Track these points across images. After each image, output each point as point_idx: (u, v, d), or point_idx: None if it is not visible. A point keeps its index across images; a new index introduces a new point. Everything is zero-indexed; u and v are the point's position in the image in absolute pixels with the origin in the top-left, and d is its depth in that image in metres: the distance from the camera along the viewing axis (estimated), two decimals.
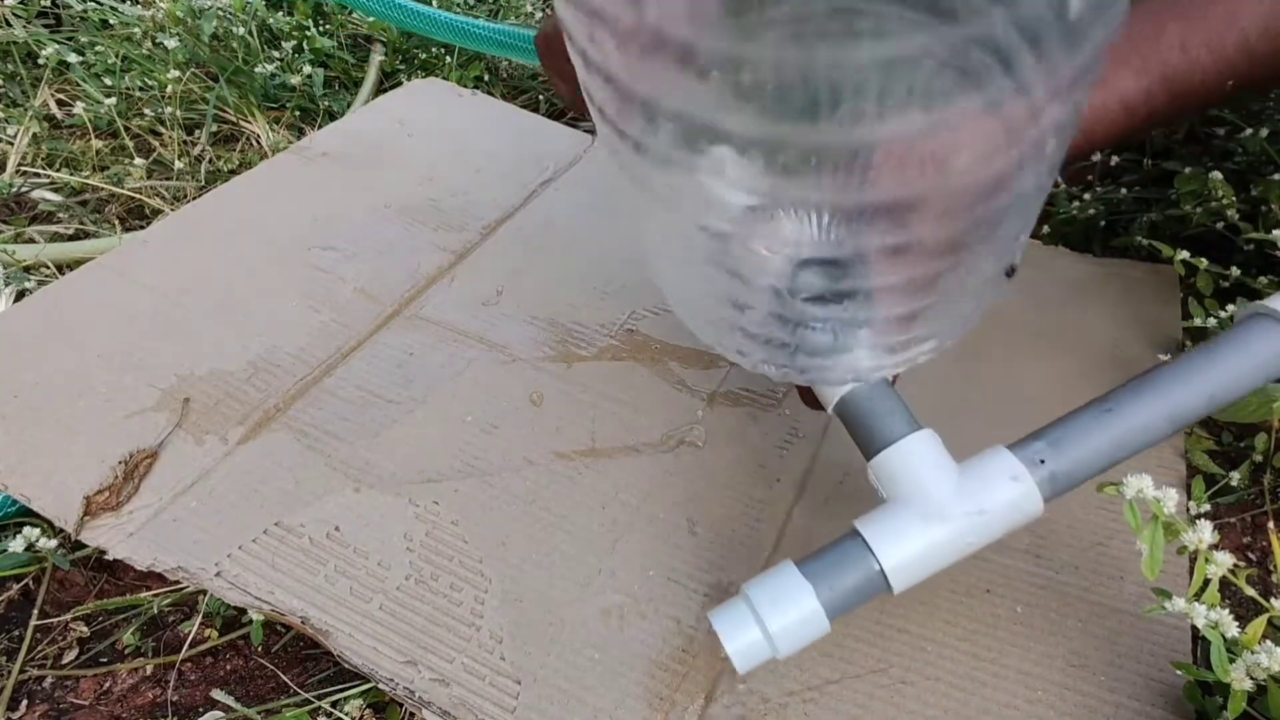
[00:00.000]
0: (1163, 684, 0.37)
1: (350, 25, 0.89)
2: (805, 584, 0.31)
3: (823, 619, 0.31)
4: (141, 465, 0.45)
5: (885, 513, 0.32)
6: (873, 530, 0.31)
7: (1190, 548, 0.32)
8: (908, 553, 0.31)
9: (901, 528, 0.31)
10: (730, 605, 0.31)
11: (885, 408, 0.34)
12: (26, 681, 0.40)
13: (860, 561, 0.31)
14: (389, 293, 0.57)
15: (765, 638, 0.30)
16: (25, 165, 0.70)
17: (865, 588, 0.31)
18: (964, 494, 0.31)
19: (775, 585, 0.31)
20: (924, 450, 0.32)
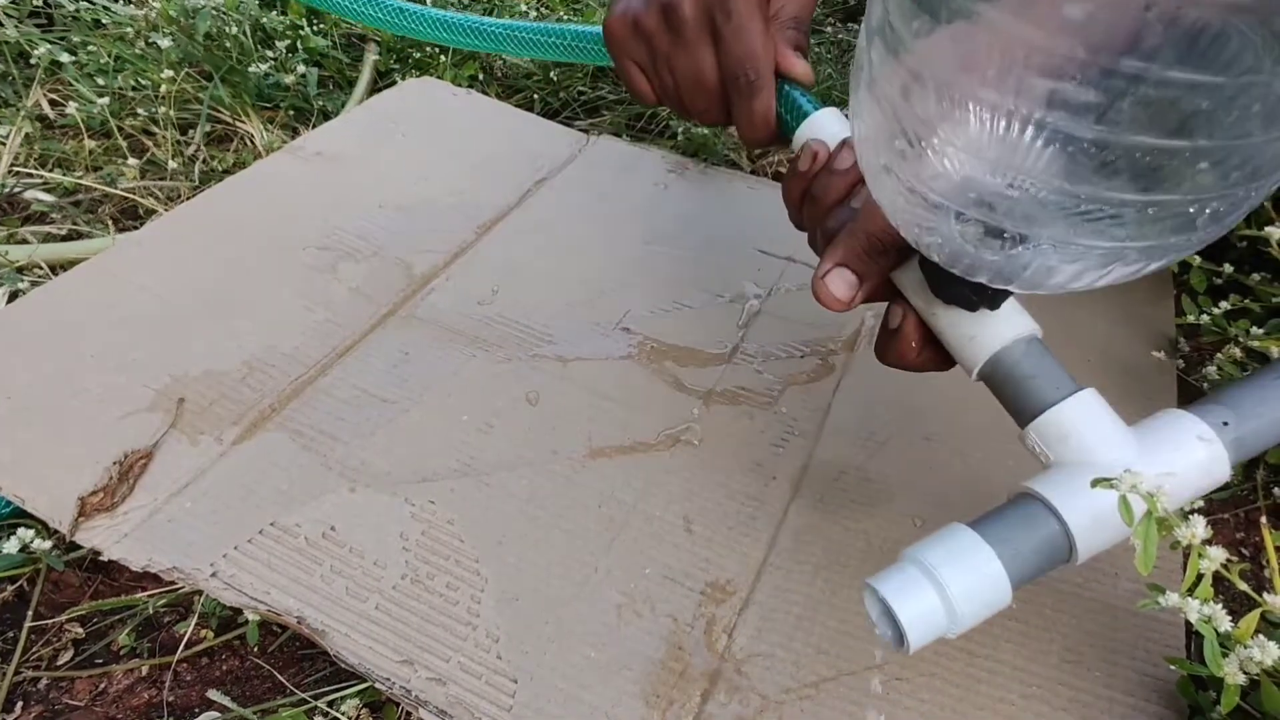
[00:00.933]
0: (1157, 679, 0.37)
1: (344, 25, 0.89)
2: (984, 544, 0.27)
3: (1006, 585, 0.27)
4: (136, 466, 0.44)
5: (1061, 473, 0.29)
6: (1052, 489, 0.28)
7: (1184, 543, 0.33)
8: (1094, 512, 0.28)
9: (1085, 488, 0.28)
10: (896, 569, 0.28)
11: (1045, 365, 0.31)
12: (21, 683, 0.39)
13: (1043, 524, 0.28)
14: (384, 292, 0.57)
15: (944, 604, 0.27)
16: (18, 165, 0.69)
17: (1049, 552, 0.28)
18: (1149, 453, 0.29)
19: (948, 546, 0.28)
20: (1098, 407, 0.30)
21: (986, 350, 0.32)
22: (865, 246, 0.33)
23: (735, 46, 0.40)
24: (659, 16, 0.41)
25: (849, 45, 0.98)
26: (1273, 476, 0.47)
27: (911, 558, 0.28)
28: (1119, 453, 0.29)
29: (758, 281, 0.59)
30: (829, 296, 0.34)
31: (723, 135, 0.77)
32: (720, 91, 0.41)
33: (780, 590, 0.41)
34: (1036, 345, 0.32)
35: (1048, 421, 0.30)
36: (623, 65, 0.44)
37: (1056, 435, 0.30)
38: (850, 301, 0.34)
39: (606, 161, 0.71)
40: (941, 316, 0.33)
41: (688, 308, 0.58)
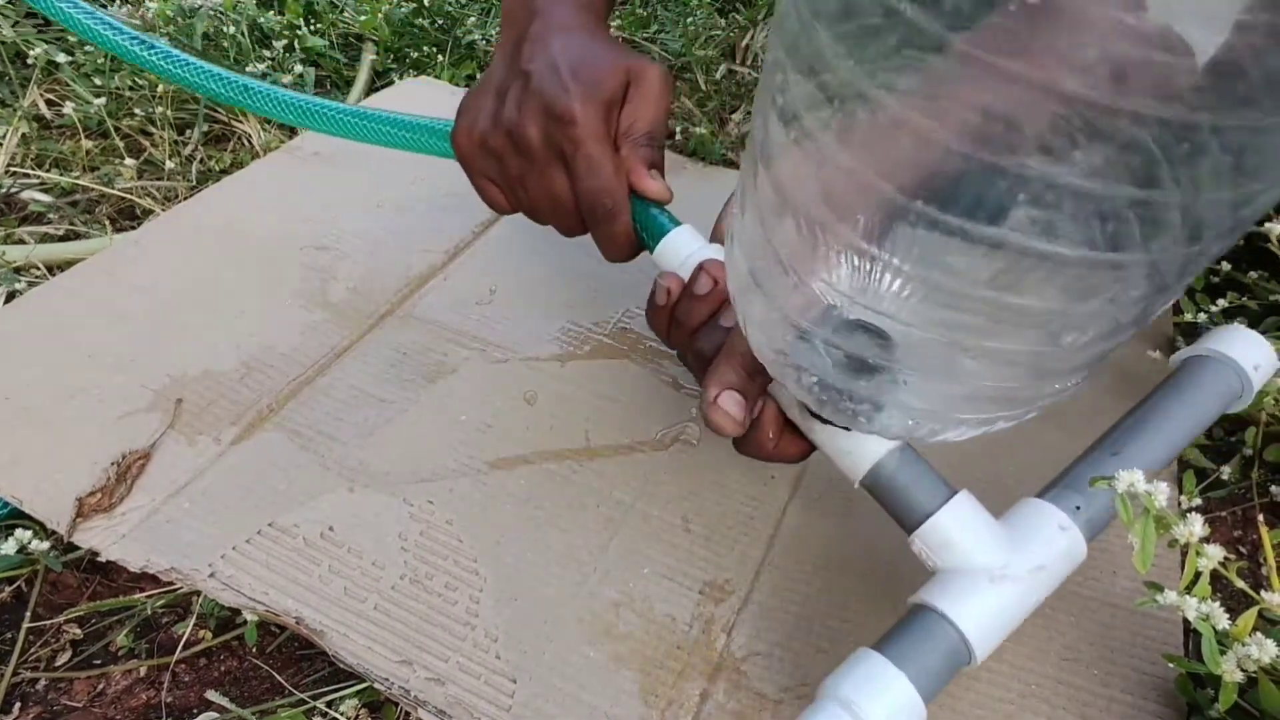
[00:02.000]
0: (1155, 677, 0.37)
1: (342, 25, 0.89)
2: (892, 667, 0.29)
3: (919, 703, 0.29)
4: (134, 466, 0.44)
5: (948, 581, 0.31)
6: (946, 602, 0.30)
7: (1181, 541, 0.33)
8: (986, 616, 0.30)
9: (975, 596, 0.30)
10: (818, 709, 0.29)
11: (919, 473, 0.33)
12: (20, 684, 0.39)
13: (943, 636, 0.30)
14: (382, 292, 0.57)
15: None
16: (15, 166, 0.69)
17: (951, 660, 0.30)
18: (1021, 551, 0.31)
19: (860, 675, 0.29)
20: (972, 513, 0.32)
21: (863, 465, 0.33)
22: (745, 365, 0.33)
23: (587, 179, 0.39)
24: (506, 140, 0.40)
25: None
26: (1269, 475, 0.47)
27: (829, 694, 0.29)
28: (995, 556, 0.31)
29: None
30: (725, 421, 0.33)
31: (720, 135, 0.77)
32: (577, 213, 0.41)
33: (779, 589, 0.41)
34: (910, 454, 0.34)
35: (929, 531, 0.32)
36: (475, 181, 0.43)
37: (939, 543, 0.32)
38: (743, 422, 0.34)
39: None
40: (816, 431, 0.35)
41: None
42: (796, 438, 0.36)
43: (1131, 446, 0.35)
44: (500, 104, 0.40)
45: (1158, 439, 0.35)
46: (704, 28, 0.93)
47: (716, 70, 0.88)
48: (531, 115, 0.39)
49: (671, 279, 0.38)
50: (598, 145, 0.39)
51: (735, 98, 0.84)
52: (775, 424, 0.35)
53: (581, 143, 0.38)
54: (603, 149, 0.39)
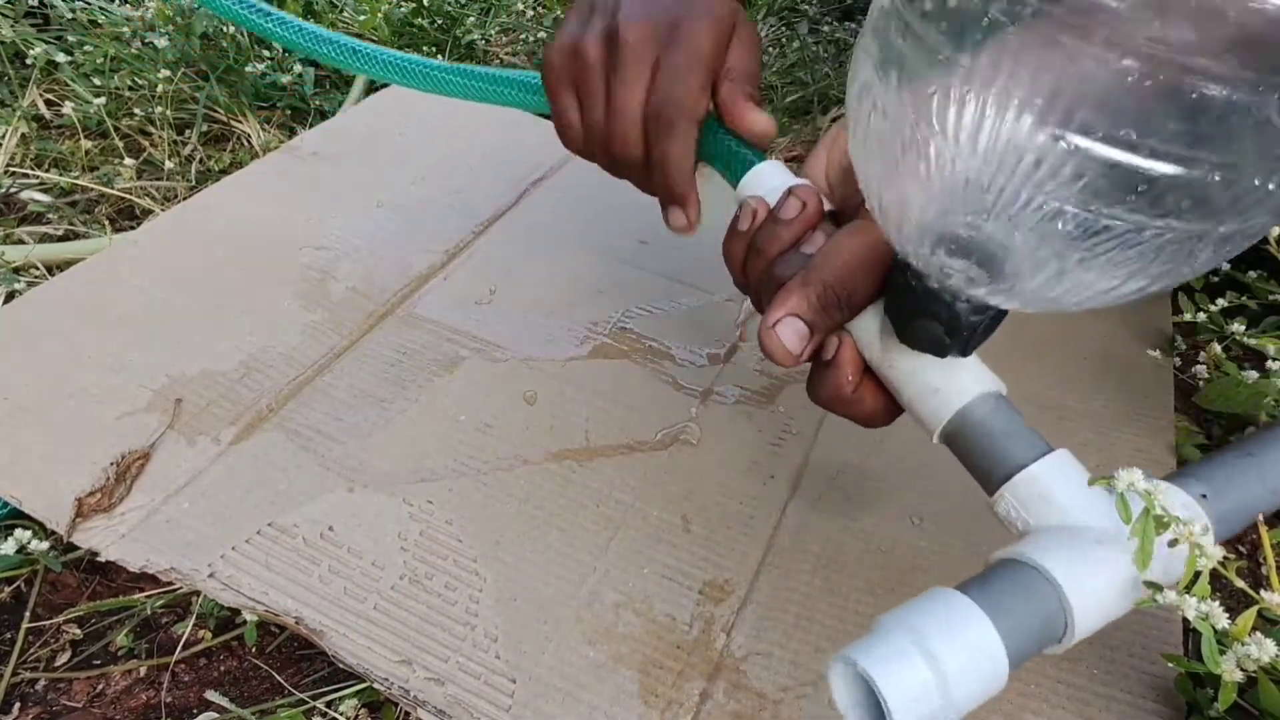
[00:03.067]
0: (1154, 676, 0.37)
1: (341, 24, 0.89)
2: (981, 614, 0.24)
3: (1004, 664, 0.24)
4: (133, 466, 0.44)
5: (1046, 536, 0.26)
6: (1055, 561, 0.25)
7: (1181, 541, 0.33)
8: (1090, 579, 0.25)
9: (1074, 550, 0.25)
10: (879, 639, 0.24)
11: (1013, 424, 0.29)
12: (19, 684, 0.39)
13: (1037, 589, 0.25)
14: (382, 292, 0.57)
15: (938, 684, 0.23)
16: (14, 166, 0.69)
17: (1047, 624, 0.25)
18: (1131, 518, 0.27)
19: (940, 614, 0.24)
20: (1073, 468, 0.28)
21: (952, 405, 0.29)
22: (820, 296, 0.30)
23: (664, 86, 0.37)
24: (601, 42, 0.38)
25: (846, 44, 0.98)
26: None
27: (899, 625, 0.24)
28: (1102, 518, 0.27)
29: None
30: (779, 348, 0.31)
31: None
32: (642, 127, 0.38)
33: (778, 589, 0.41)
34: (1004, 402, 0.30)
35: (1023, 482, 0.28)
36: (556, 96, 0.41)
37: (1036, 497, 0.28)
38: (801, 355, 0.31)
39: None
40: (901, 367, 0.30)
41: (685, 307, 0.58)
42: (876, 388, 0.32)
43: (1272, 453, 0.30)
44: (603, 15, 0.38)
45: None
46: None
47: None
48: (639, 16, 0.36)
49: (758, 202, 0.34)
50: (691, 57, 0.36)
51: None
52: (854, 364, 0.31)
53: (678, 50, 0.35)
54: (695, 64, 0.36)
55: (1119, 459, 0.47)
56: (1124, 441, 0.48)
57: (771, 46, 0.95)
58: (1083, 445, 0.48)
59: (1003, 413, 0.29)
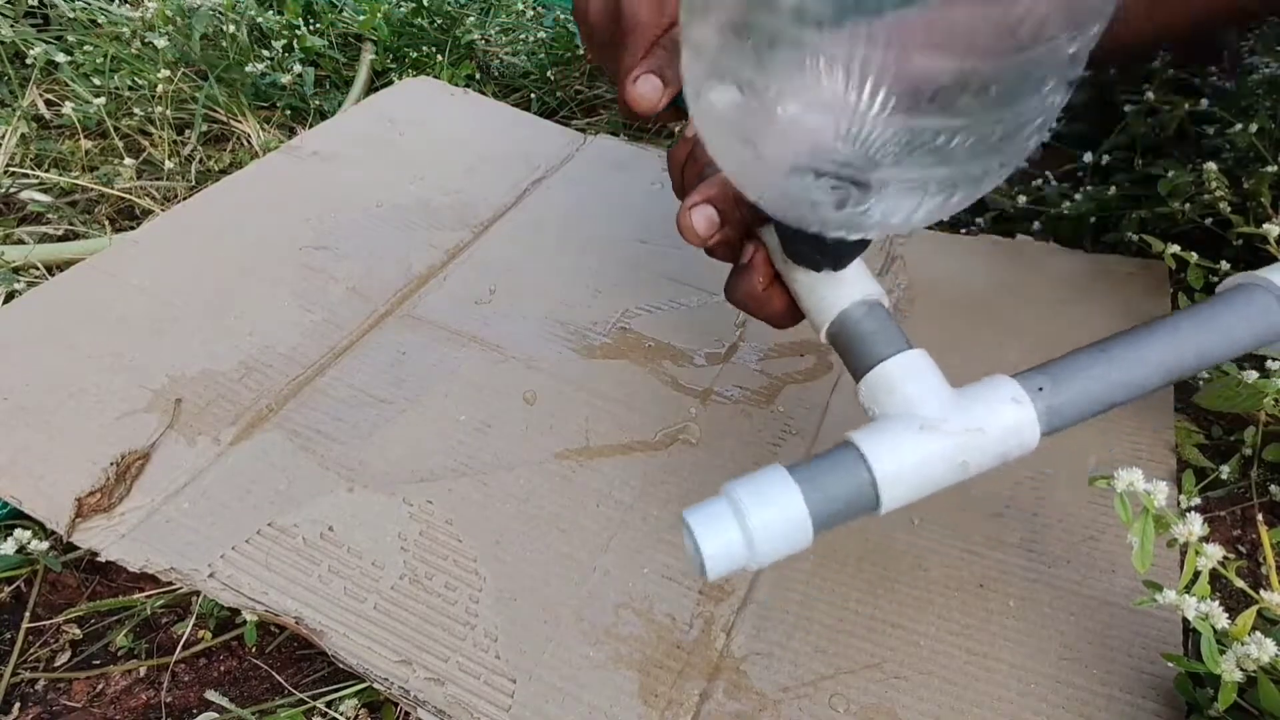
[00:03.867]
0: (1154, 676, 0.37)
1: (341, 24, 0.89)
2: (794, 486, 0.28)
3: (808, 526, 0.28)
4: (133, 466, 0.44)
5: (878, 425, 0.30)
6: (867, 440, 0.29)
7: (1181, 540, 0.33)
8: (902, 464, 0.29)
9: (897, 439, 0.29)
10: (710, 502, 0.29)
11: (881, 326, 0.33)
12: (19, 684, 0.39)
13: (853, 470, 0.29)
14: (381, 292, 0.57)
15: (744, 540, 0.28)
16: (14, 166, 0.69)
17: (855, 500, 0.29)
18: (962, 410, 0.30)
19: (759, 485, 0.29)
20: (921, 366, 0.31)
21: (833, 310, 0.33)
22: (731, 191, 0.34)
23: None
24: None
25: None
26: (1269, 474, 0.47)
27: (725, 492, 0.29)
28: (937, 409, 0.30)
29: None
30: (689, 230, 0.34)
31: None
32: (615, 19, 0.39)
33: (778, 589, 0.41)
34: (879, 309, 0.33)
35: (876, 376, 0.31)
36: None
37: (883, 389, 0.31)
38: (708, 238, 0.35)
39: (603, 161, 0.71)
40: (798, 279, 0.35)
41: (685, 306, 0.58)
42: (784, 291, 0.36)
43: (1126, 351, 0.32)
44: None
45: (1156, 350, 0.32)
46: None
47: None
48: None
49: None
50: None
51: None
52: (765, 269, 0.35)
53: None
54: None
55: (1118, 459, 0.47)
56: (1124, 441, 0.48)
57: None
58: (1082, 443, 0.48)
59: (874, 317, 0.33)
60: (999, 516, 0.44)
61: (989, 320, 0.56)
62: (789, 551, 0.29)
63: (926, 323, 0.56)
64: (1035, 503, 0.45)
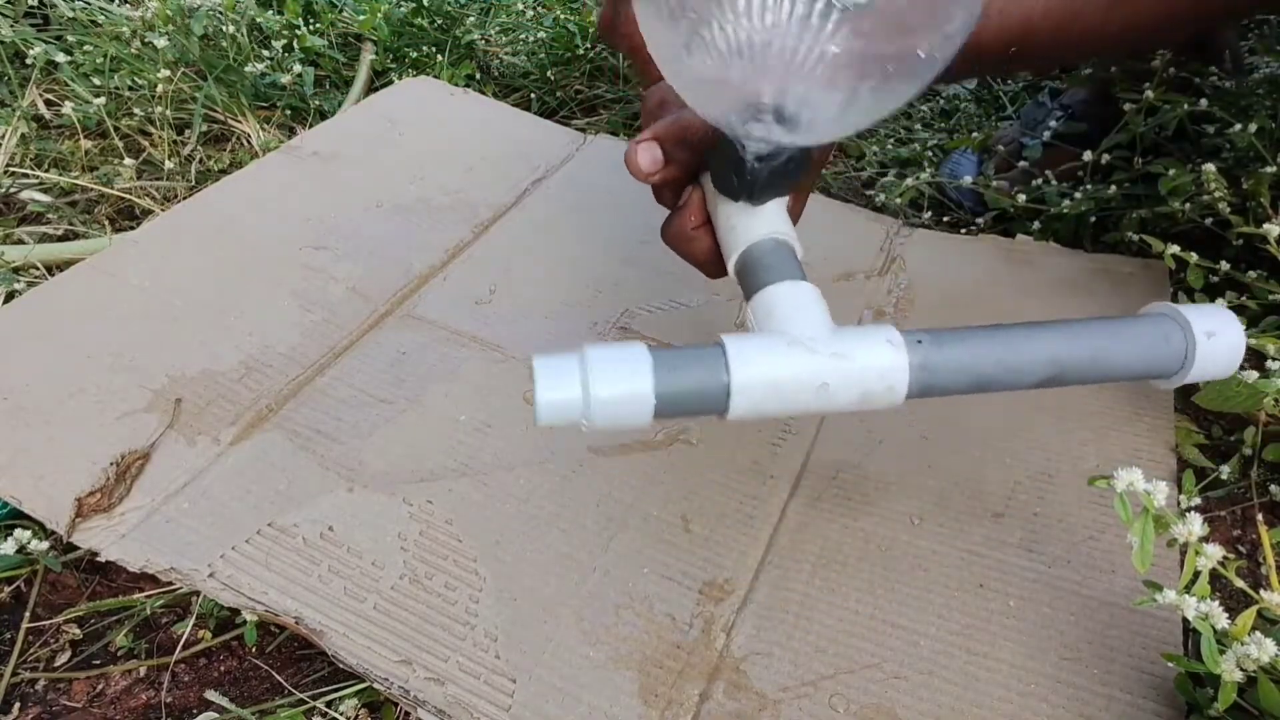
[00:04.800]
0: (1154, 676, 0.37)
1: (341, 24, 0.89)
2: (648, 367, 0.28)
3: (649, 406, 0.29)
4: (133, 466, 0.44)
5: (752, 338, 0.31)
6: (736, 345, 0.30)
7: (1180, 540, 0.33)
8: (762, 372, 0.29)
9: (763, 347, 0.30)
10: (560, 356, 0.29)
11: (781, 260, 0.34)
12: (19, 684, 0.39)
13: (712, 366, 0.29)
14: (381, 292, 0.57)
15: (583, 400, 0.28)
16: (13, 166, 0.69)
17: (705, 396, 0.29)
18: (835, 338, 0.30)
19: (619, 358, 0.29)
20: (807, 295, 0.32)
21: (744, 242, 0.35)
22: (677, 132, 0.36)
23: None
24: None
25: None
26: (1269, 474, 0.47)
27: (580, 354, 0.29)
28: (811, 331, 0.30)
29: None
30: (634, 164, 0.37)
31: None
32: None
33: (778, 589, 0.41)
34: (785, 247, 0.35)
35: (763, 295, 0.33)
36: None
37: (765, 310, 0.32)
38: (651, 174, 0.37)
39: (603, 160, 0.71)
40: (720, 211, 0.37)
41: (685, 306, 0.58)
42: (711, 235, 0.38)
43: (1016, 337, 0.32)
44: None
45: (1046, 344, 0.32)
46: None
47: None
48: None
49: None
50: None
51: None
52: (698, 210, 0.38)
53: None
54: None
55: (1118, 458, 0.47)
56: (1123, 441, 0.48)
57: None
58: (1081, 444, 0.48)
59: (777, 252, 0.34)
60: (999, 517, 0.44)
61: (988, 319, 0.56)
62: (624, 425, 0.29)
63: (926, 322, 0.56)
64: (1035, 503, 0.45)
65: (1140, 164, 0.64)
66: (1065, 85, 0.75)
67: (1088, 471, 0.46)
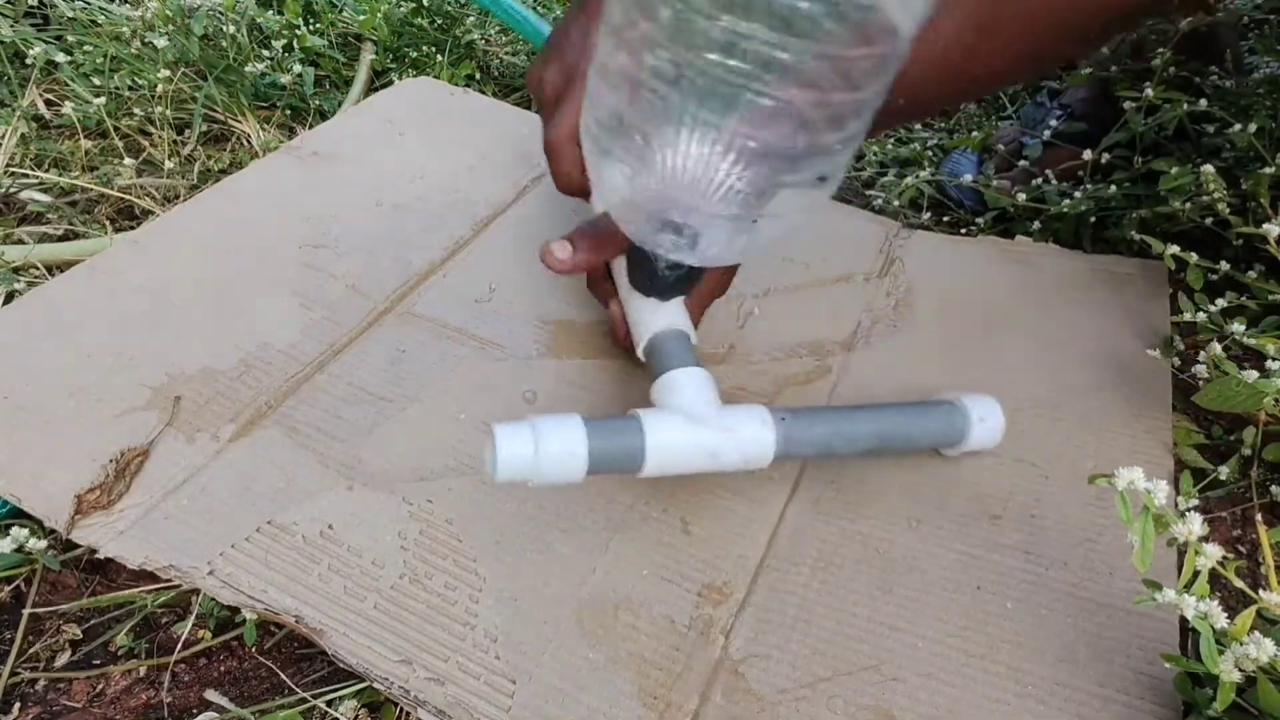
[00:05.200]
0: (1152, 677, 0.37)
1: (341, 24, 0.89)
2: (583, 433, 0.37)
3: (583, 464, 0.37)
4: (133, 464, 0.44)
5: (659, 411, 0.40)
6: (649, 418, 0.39)
7: (1180, 540, 0.33)
8: (667, 440, 0.38)
9: (669, 422, 0.39)
10: (517, 423, 0.37)
11: (681, 348, 0.43)
12: (19, 684, 0.39)
13: (631, 434, 0.38)
14: (381, 290, 0.57)
15: (533, 457, 0.36)
16: (13, 166, 0.69)
17: (625, 456, 0.38)
18: (722, 415, 0.40)
19: (561, 425, 0.37)
20: (701, 379, 0.41)
21: (651, 330, 0.45)
22: (592, 238, 0.44)
23: None
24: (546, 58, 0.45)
25: None
26: (1268, 475, 0.47)
27: (531, 422, 0.37)
28: (704, 410, 0.40)
29: (754, 281, 0.59)
30: (549, 254, 0.44)
31: None
32: None
33: (777, 592, 0.41)
34: (684, 337, 0.44)
35: (667, 378, 0.41)
36: None
37: (669, 389, 0.41)
38: (562, 265, 0.44)
39: None
40: (631, 301, 0.46)
41: None
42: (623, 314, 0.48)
43: (849, 417, 0.42)
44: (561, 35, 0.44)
45: (869, 423, 0.42)
46: None
47: None
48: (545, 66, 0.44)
49: None
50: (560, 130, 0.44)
51: None
52: (622, 321, 0.47)
53: None
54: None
55: (1117, 458, 0.47)
56: (1122, 441, 0.48)
57: None
58: (1080, 446, 0.48)
59: (678, 341, 0.44)
60: (997, 519, 0.44)
61: (988, 321, 0.56)
62: (564, 479, 0.37)
63: (926, 324, 0.56)
64: (1033, 505, 0.45)
65: (1140, 163, 0.64)
66: (1065, 85, 0.75)
67: (1086, 474, 0.46)
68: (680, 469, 0.39)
